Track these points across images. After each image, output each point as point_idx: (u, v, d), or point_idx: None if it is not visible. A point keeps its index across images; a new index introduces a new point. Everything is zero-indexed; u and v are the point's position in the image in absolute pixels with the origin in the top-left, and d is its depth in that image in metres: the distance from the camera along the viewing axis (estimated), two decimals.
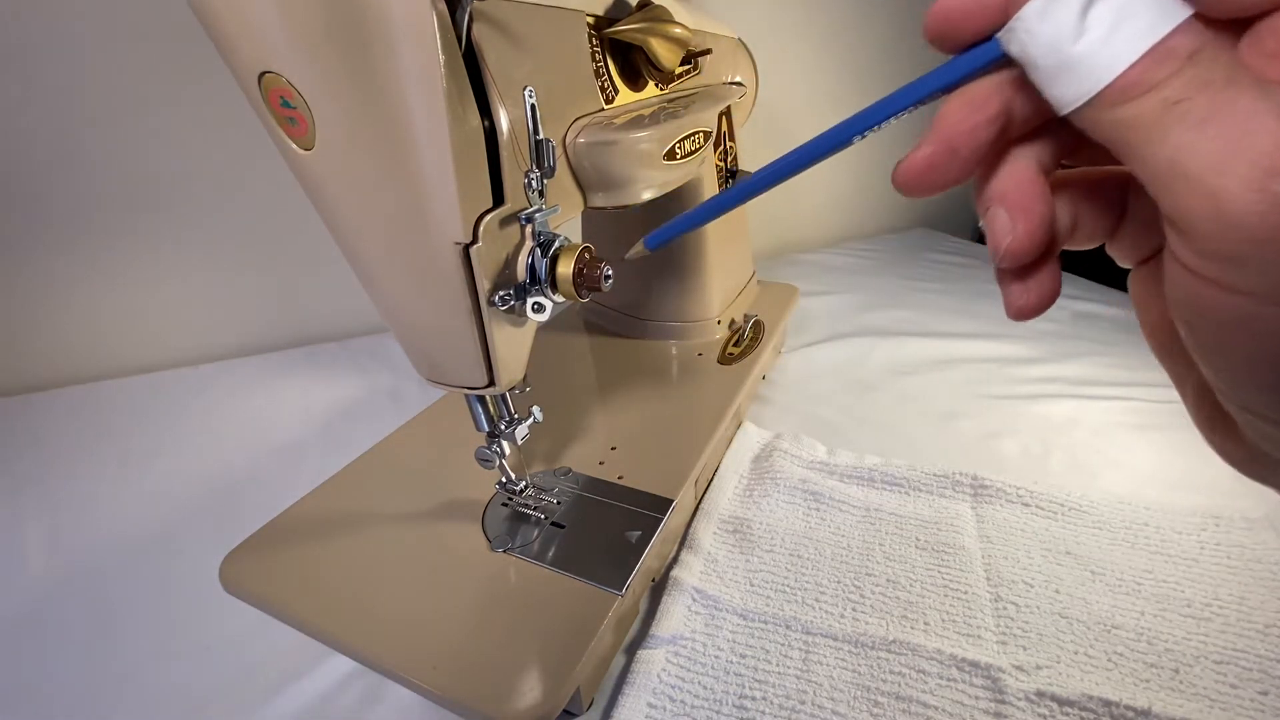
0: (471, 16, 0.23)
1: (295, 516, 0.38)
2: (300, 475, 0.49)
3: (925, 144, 0.15)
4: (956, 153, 0.14)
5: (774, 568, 0.40)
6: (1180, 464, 0.49)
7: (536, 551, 0.35)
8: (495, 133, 0.25)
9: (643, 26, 0.34)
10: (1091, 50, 0.12)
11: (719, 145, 0.54)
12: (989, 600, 0.37)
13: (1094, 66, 0.12)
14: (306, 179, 0.25)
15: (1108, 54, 0.12)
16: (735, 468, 0.48)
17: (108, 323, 0.68)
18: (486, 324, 0.27)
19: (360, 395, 0.63)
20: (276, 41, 0.22)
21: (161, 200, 0.65)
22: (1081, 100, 0.12)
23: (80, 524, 0.47)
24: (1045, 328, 0.72)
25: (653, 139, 0.34)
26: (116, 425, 0.60)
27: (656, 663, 0.34)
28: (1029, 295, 0.16)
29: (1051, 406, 0.57)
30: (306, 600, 0.32)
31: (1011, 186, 0.15)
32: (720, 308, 0.58)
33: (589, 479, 0.41)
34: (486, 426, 0.33)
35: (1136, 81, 0.12)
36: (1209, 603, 0.37)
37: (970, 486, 0.45)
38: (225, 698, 0.34)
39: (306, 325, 0.76)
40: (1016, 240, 0.14)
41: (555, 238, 0.28)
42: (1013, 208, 0.14)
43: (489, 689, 0.28)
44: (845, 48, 0.95)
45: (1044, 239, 0.15)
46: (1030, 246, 0.14)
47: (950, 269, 0.92)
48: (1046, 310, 0.16)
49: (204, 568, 0.35)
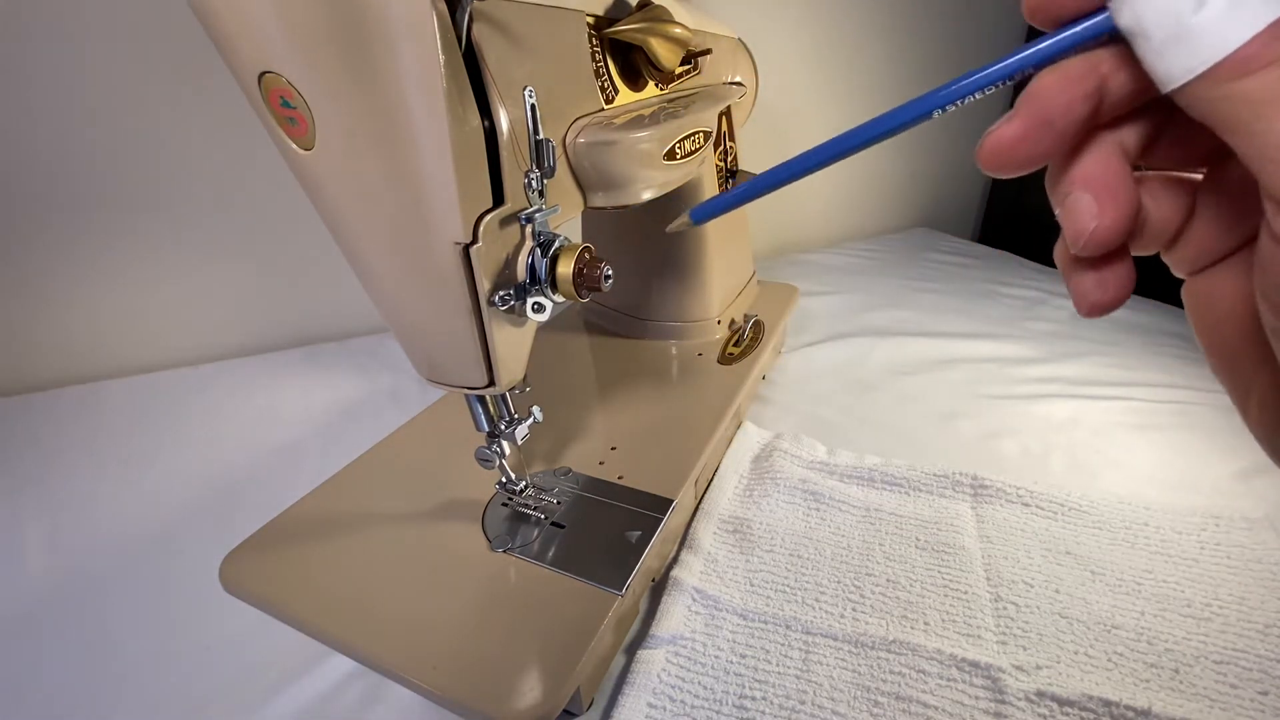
0: (471, 16, 0.23)
1: (295, 516, 0.38)
2: (300, 475, 0.49)
3: (1015, 119, 0.14)
4: (1051, 125, 0.14)
5: (774, 568, 0.40)
6: (1180, 464, 0.49)
7: (536, 551, 0.35)
8: (495, 133, 0.25)
9: (643, 26, 0.34)
10: (1212, 21, 0.12)
11: (719, 145, 0.54)
12: (989, 600, 0.37)
13: (1212, 38, 0.12)
14: (306, 179, 0.25)
15: (1228, 26, 0.12)
16: (735, 468, 0.48)
17: (108, 323, 0.68)
18: (486, 324, 0.27)
19: (360, 395, 0.63)
20: (276, 41, 0.22)
21: (161, 200, 0.65)
22: (1193, 74, 0.12)
23: (80, 524, 0.47)
24: (1045, 328, 0.72)
25: (653, 139, 0.34)
26: (116, 425, 0.60)
27: (656, 663, 0.34)
28: (1106, 290, 0.15)
29: (1051, 406, 0.57)
30: (306, 600, 0.32)
31: (1099, 172, 0.14)
32: (720, 308, 0.58)
33: (589, 479, 0.41)
34: (486, 426, 0.33)
35: (1257, 55, 0.12)
36: (1209, 603, 0.37)
37: (970, 486, 0.45)
38: (225, 698, 0.34)
39: (306, 325, 0.76)
40: (1103, 226, 0.14)
41: (555, 238, 0.28)
42: (1100, 192, 0.14)
43: (489, 689, 0.28)
44: (845, 48, 0.95)
45: (1129, 228, 0.14)
46: (1116, 234, 0.14)
47: (950, 269, 0.92)
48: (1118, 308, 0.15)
49: (204, 568, 0.35)
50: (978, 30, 1.03)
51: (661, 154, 0.35)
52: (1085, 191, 0.14)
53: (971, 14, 1.01)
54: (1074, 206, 0.14)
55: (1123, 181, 0.14)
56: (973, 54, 1.05)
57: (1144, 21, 0.13)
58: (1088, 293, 0.15)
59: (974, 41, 1.04)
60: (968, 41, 1.03)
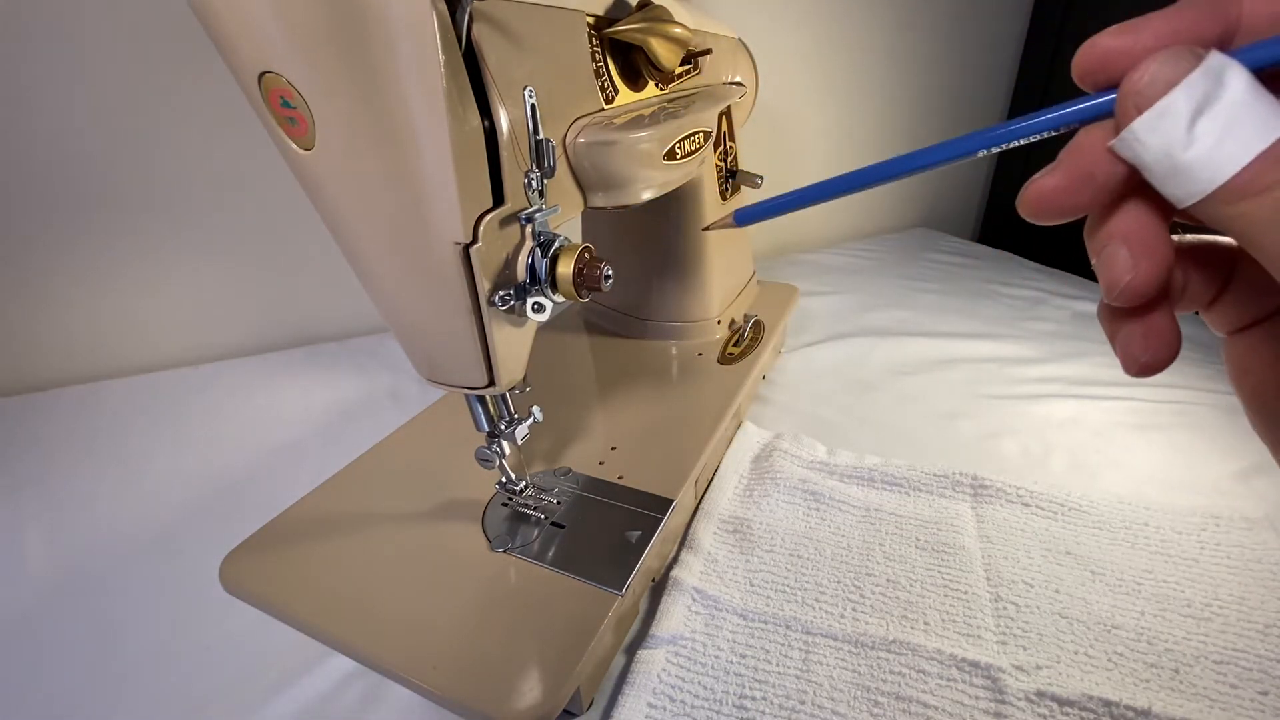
0: (471, 16, 0.23)
1: (295, 516, 0.38)
2: (300, 475, 0.49)
3: (1057, 171, 0.15)
4: (1092, 179, 0.15)
5: (774, 568, 0.40)
6: (1180, 464, 0.49)
7: (536, 551, 0.35)
8: (495, 133, 0.25)
9: (643, 26, 0.34)
10: (1202, 156, 0.13)
11: (719, 145, 0.54)
12: (989, 600, 0.37)
13: (1204, 170, 0.13)
14: (306, 179, 0.25)
15: (1218, 159, 0.13)
16: (735, 468, 0.48)
17: (108, 323, 0.68)
18: (486, 324, 0.27)
19: (360, 395, 0.63)
20: (276, 41, 0.22)
21: (161, 200, 0.65)
22: (1195, 199, 0.13)
23: (80, 524, 0.47)
24: (1045, 328, 0.73)
25: (653, 139, 0.34)
26: (116, 425, 0.60)
27: (656, 663, 0.34)
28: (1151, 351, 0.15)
29: (1051, 406, 0.57)
30: (306, 600, 0.32)
31: (1136, 227, 0.15)
32: (720, 308, 0.58)
33: (589, 479, 0.41)
34: (486, 426, 0.33)
35: (1250, 182, 0.13)
36: (1209, 603, 0.37)
37: (970, 486, 0.45)
38: (225, 698, 0.34)
39: (306, 325, 0.76)
40: (1138, 278, 0.14)
41: (555, 238, 0.28)
42: (1136, 246, 0.15)
43: (489, 689, 0.28)
44: (845, 48, 0.95)
45: (1163, 282, 0.15)
46: (1150, 286, 0.15)
47: (950, 269, 0.92)
48: (1167, 368, 0.16)
49: (204, 568, 0.35)
50: (978, 31, 1.03)
51: (661, 154, 0.35)
52: (1120, 244, 0.15)
53: (972, 15, 1.01)
54: (1110, 258, 0.15)
55: (1158, 237, 0.15)
56: (973, 55, 1.05)
57: (1142, 158, 0.14)
58: (1135, 353, 0.16)
59: (974, 43, 1.04)
60: (968, 42, 1.03)
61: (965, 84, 1.07)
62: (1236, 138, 0.12)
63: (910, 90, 1.04)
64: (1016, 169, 1.12)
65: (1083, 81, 0.15)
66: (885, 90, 1.01)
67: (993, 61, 1.08)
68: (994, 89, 1.10)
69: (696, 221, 0.53)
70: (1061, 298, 0.80)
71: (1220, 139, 0.13)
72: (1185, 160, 0.13)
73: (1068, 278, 0.87)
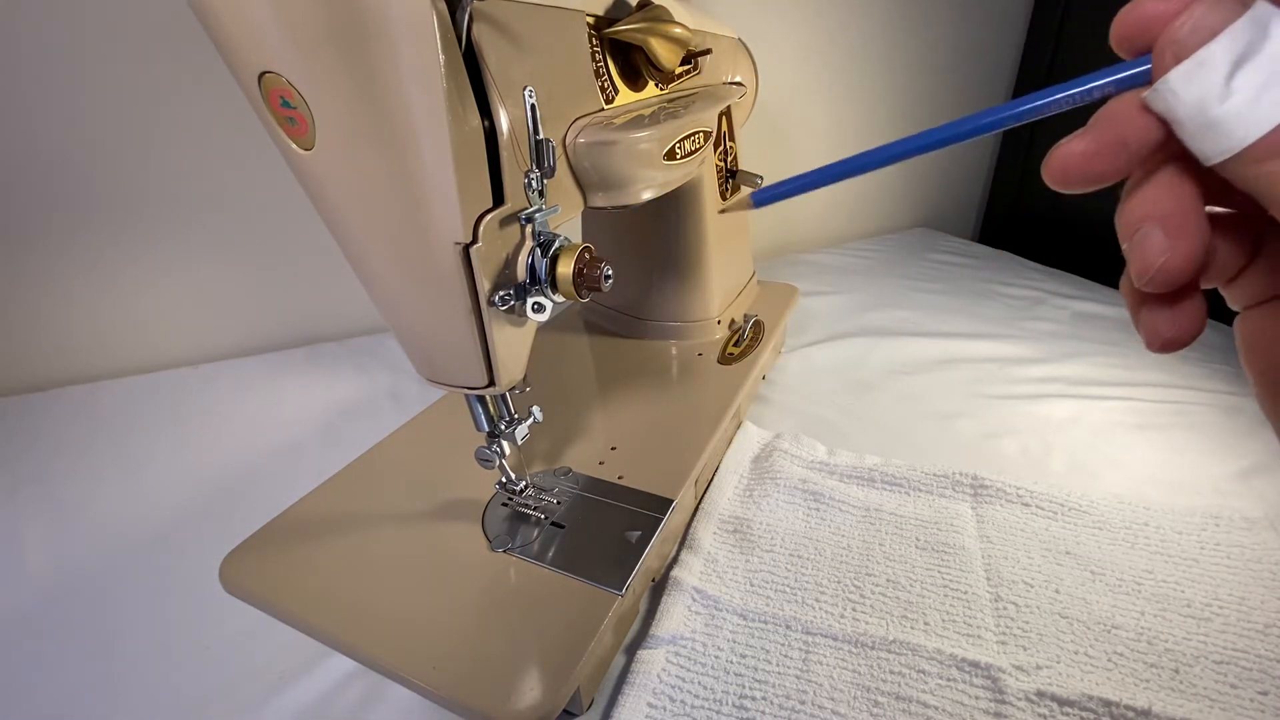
0: (471, 16, 0.23)
1: (295, 516, 0.38)
2: (300, 475, 0.49)
3: (1087, 135, 0.14)
4: (1124, 145, 0.14)
5: (774, 568, 0.40)
6: (1180, 464, 0.49)
7: (536, 551, 0.35)
8: (495, 133, 0.25)
9: (643, 26, 0.34)
10: (1238, 110, 0.12)
11: (719, 145, 0.54)
12: (989, 600, 0.37)
13: (1240, 126, 0.12)
14: (306, 179, 0.25)
15: (1254, 115, 0.12)
16: (735, 468, 0.48)
17: (108, 323, 0.68)
18: (486, 324, 0.27)
19: (360, 395, 0.63)
20: (276, 41, 0.22)
21: (162, 200, 0.65)
22: (1226, 156, 0.13)
23: (80, 524, 0.47)
24: (1045, 328, 0.73)
25: (653, 139, 0.34)
26: (116, 425, 0.60)
27: (656, 663, 0.34)
28: (1178, 326, 0.15)
29: (1051, 406, 0.57)
30: (306, 600, 0.32)
31: (1173, 207, 0.14)
32: (720, 308, 0.58)
33: (589, 479, 0.41)
34: (486, 426, 0.33)
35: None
36: (1209, 603, 0.37)
37: (970, 486, 0.45)
38: (225, 698, 0.34)
39: (306, 325, 0.76)
40: (1173, 261, 0.14)
41: (555, 238, 0.28)
42: (1172, 228, 0.14)
43: (489, 689, 0.28)
44: (845, 48, 0.95)
45: (1199, 264, 0.14)
46: (1186, 269, 0.14)
47: (950, 269, 0.92)
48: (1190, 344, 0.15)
49: (204, 568, 0.35)
50: (978, 31, 1.03)
51: (661, 154, 0.35)
52: (1156, 226, 0.14)
53: (972, 14, 1.01)
54: (1143, 240, 0.14)
55: (1195, 215, 0.14)
56: (974, 55, 1.05)
57: (1175, 111, 0.13)
58: (1161, 328, 0.15)
59: (975, 42, 1.04)
60: (968, 42, 1.03)
61: (966, 84, 1.07)
62: (1274, 95, 0.12)
63: (911, 91, 1.04)
64: (1017, 169, 1.12)
65: (1120, 47, 0.15)
66: (885, 90, 1.01)
67: (993, 62, 1.08)
68: (994, 90, 1.10)
69: (696, 221, 0.53)
70: (1061, 298, 0.80)
71: (1259, 93, 0.12)
72: (1219, 114, 0.12)
73: (1068, 278, 0.87)
